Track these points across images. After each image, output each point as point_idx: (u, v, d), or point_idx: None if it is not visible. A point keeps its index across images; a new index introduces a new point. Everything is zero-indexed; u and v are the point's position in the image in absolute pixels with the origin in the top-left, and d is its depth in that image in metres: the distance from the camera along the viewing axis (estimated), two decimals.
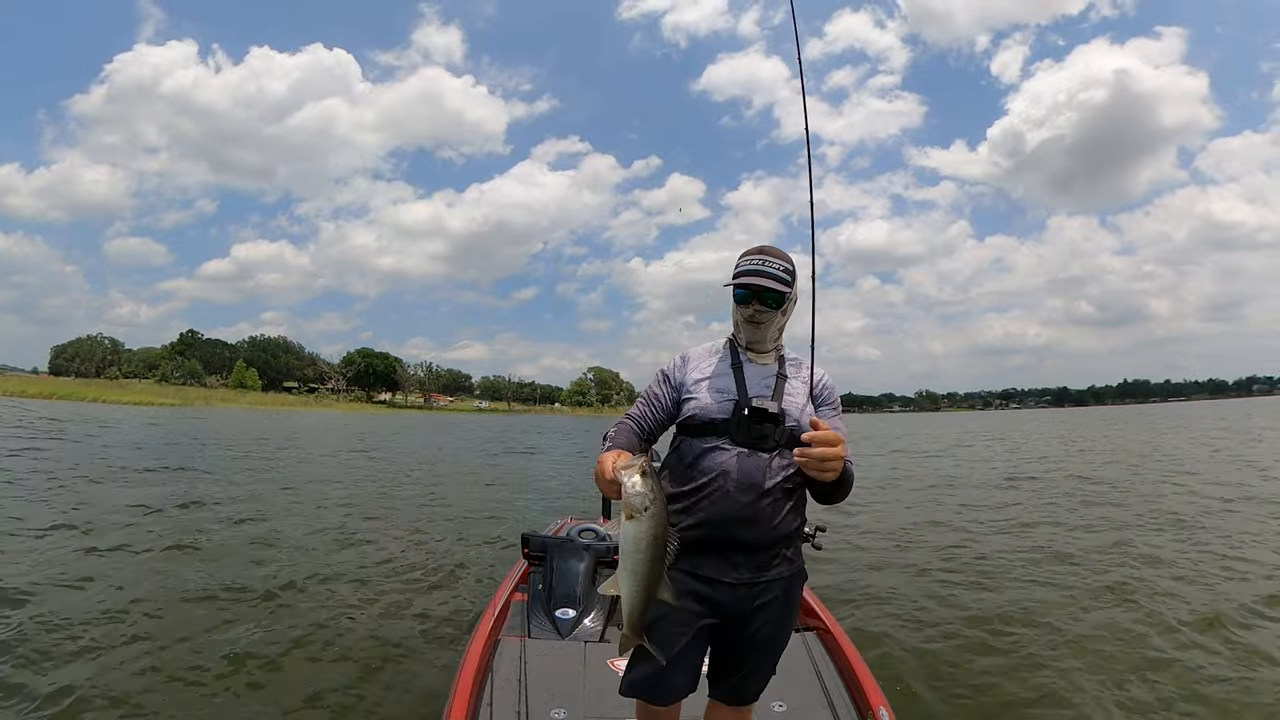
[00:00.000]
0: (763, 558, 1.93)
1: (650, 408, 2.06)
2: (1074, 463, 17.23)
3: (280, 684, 3.76)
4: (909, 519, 9.35)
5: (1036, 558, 6.82)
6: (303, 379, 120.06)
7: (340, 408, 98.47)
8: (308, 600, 5.15)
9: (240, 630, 4.47)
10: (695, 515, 1.89)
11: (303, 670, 3.95)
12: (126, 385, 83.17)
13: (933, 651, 4.40)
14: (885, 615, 5.11)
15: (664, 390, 2.07)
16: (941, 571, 6.40)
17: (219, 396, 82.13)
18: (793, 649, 3.10)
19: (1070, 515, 9.28)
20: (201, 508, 8.87)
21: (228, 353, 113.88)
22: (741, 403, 1.93)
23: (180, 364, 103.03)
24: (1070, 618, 4.97)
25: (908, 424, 63.01)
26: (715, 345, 2.12)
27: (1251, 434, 25.87)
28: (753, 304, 2.00)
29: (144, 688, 3.60)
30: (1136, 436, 27.64)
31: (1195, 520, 8.43)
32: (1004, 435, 33.85)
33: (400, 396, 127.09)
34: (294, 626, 4.57)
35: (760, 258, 1.99)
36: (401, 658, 4.20)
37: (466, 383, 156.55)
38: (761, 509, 1.88)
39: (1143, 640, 4.51)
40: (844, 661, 3.01)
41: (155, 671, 3.79)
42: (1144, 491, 11.20)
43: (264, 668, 3.93)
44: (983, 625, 4.85)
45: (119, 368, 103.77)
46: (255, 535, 7.34)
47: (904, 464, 18.44)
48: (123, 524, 7.52)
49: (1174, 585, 5.64)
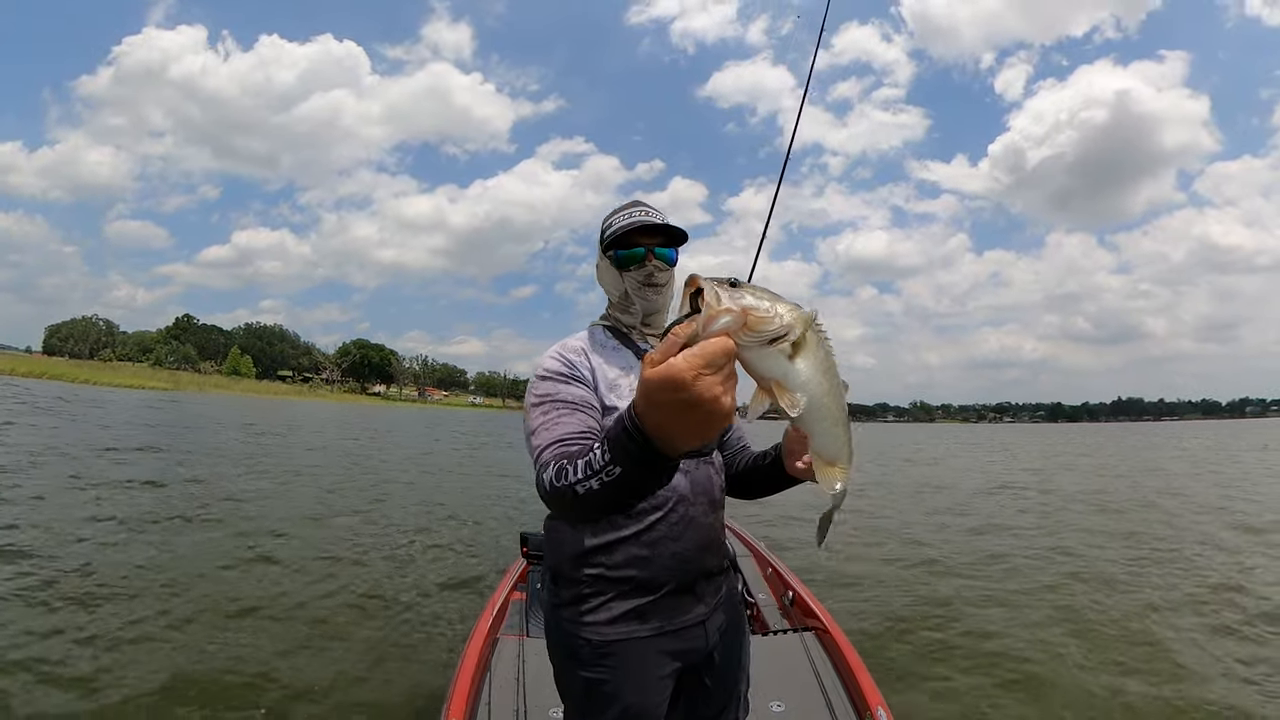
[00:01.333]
0: (720, 576, 1.63)
1: (585, 413, 1.42)
2: (1080, 480, 17.21)
3: (279, 683, 3.72)
4: (909, 521, 9.34)
5: (1036, 560, 6.81)
6: (297, 368, 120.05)
7: (333, 398, 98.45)
8: (305, 600, 5.08)
9: (239, 630, 4.42)
10: (661, 557, 1.48)
11: (301, 669, 3.91)
12: (118, 368, 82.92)
13: (932, 652, 4.39)
14: (885, 615, 5.09)
15: (582, 389, 1.47)
16: (942, 572, 6.39)
17: (212, 383, 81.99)
18: (791, 649, 3.07)
19: (1070, 527, 9.21)
20: (185, 500, 8.78)
21: (223, 339, 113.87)
22: None
23: (174, 348, 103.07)
24: (1071, 618, 4.98)
25: (908, 435, 62.95)
26: (594, 334, 1.63)
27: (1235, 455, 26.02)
28: (648, 261, 1.59)
29: (149, 687, 3.57)
30: (1141, 457, 27.64)
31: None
32: (1006, 447, 33.95)
33: (394, 389, 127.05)
34: (292, 626, 4.52)
35: (638, 208, 1.62)
36: (400, 656, 4.17)
37: (461, 378, 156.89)
38: (721, 524, 1.61)
39: (1143, 641, 4.51)
40: (842, 661, 2.95)
41: (155, 671, 3.75)
42: (1178, 527, 11.16)
43: (263, 667, 3.89)
44: (983, 625, 4.85)
45: (113, 350, 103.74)
46: (255, 534, 7.21)
47: (910, 471, 18.47)
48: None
49: (1185, 606, 5.59)
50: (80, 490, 8.46)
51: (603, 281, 1.69)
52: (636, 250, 1.59)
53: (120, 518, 7.09)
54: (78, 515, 7.02)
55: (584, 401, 1.44)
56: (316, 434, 23.88)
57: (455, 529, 8.14)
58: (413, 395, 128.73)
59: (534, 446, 1.35)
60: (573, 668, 1.49)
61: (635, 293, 1.61)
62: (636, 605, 1.47)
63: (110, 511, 7.35)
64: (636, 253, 1.59)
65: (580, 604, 1.48)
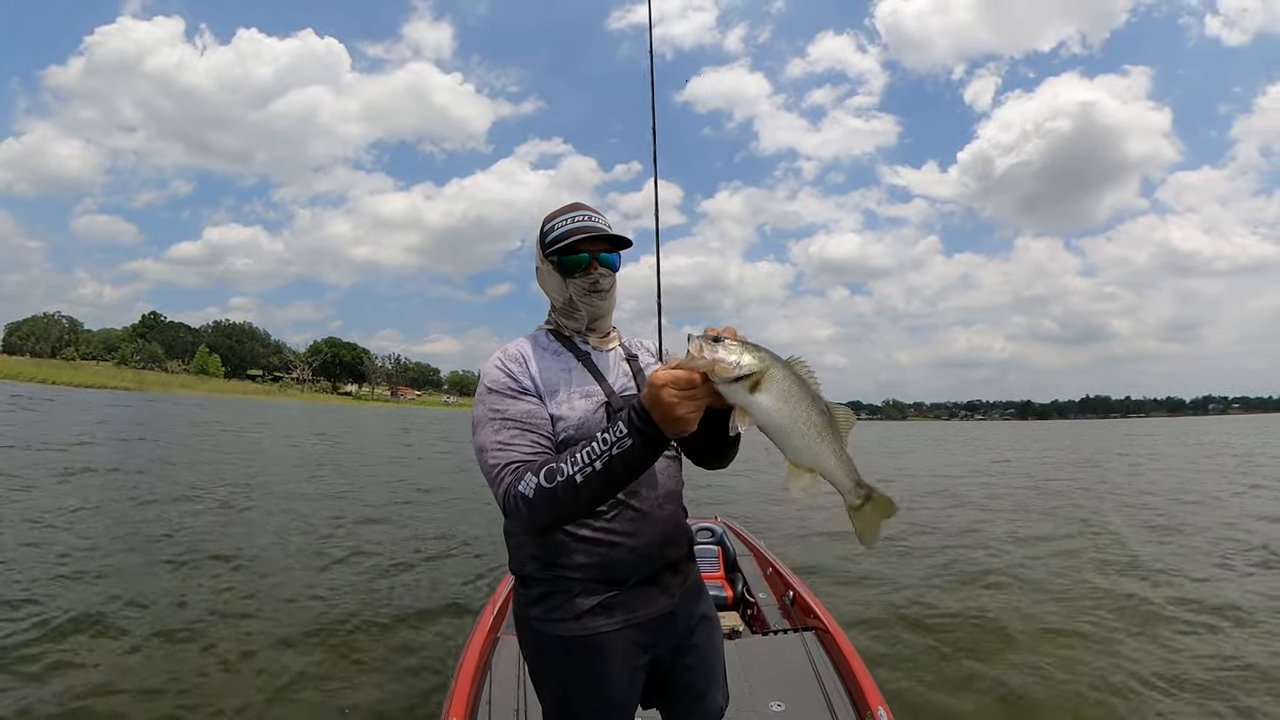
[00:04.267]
0: (684, 564, 1.63)
1: (535, 433, 1.44)
2: (1071, 474, 17.48)
3: (278, 683, 3.68)
4: (909, 521, 9.32)
5: (1034, 561, 6.85)
6: (268, 367, 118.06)
7: (303, 398, 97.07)
8: (304, 600, 5.02)
9: (237, 629, 4.37)
10: (621, 552, 1.49)
11: (300, 669, 3.87)
12: (81, 367, 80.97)
13: (932, 652, 4.37)
14: (884, 616, 5.07)
15: (530, 402, 1.48)
16: (942, 573, 6.38)
17: (178, 382, 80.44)
18: (791, 649, 3.02)
19: (1065, 524, 9.30)
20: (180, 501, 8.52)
21: (191, 337, 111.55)
22: (613, 403, 1.52)
23: (140, 347, 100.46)
24: (1069, 620, 4.98)
25: (883, 433, 63.73)
26: (536, 339, 1.62)
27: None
28: (593, 269, 1.56)
29: (155, 686, 3.56)
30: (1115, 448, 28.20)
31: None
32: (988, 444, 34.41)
33: (366, 389, 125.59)
34: (291, 627, 4.47)
35: (580, 213, 1.58)
36: (400, 655, 4.14)
37: (435, 377, 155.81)
38: (680, 515, 1.61)
39: (1143, 643, 4.50)
40: (843, 661, 2.92)
41: (156, 671, 3.74)
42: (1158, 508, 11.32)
43: (261, 667, 3.85)
44: (983, 627, 4.84)
45: (76, 348, 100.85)
46: (250, 535, 7.11)
47: (903, 470, 18.65)
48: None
49: (1178, 594, 5.64)
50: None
51: (544, 285, 1.65)
52: (581, 256, 1.57)
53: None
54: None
55: (531, 418, 1.46)
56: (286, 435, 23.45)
57: (457, 529, 8.00)
58: (385, 395, 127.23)
59: (489, 465, 1.41)
60: (545, 665, 1.54)
61: (580, 299, 1.59)
62: (602, 600, 1.48)
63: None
64: (581, 259, 1.57)
65: (546, 602, 1.50)
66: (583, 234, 1.55)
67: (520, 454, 1.39)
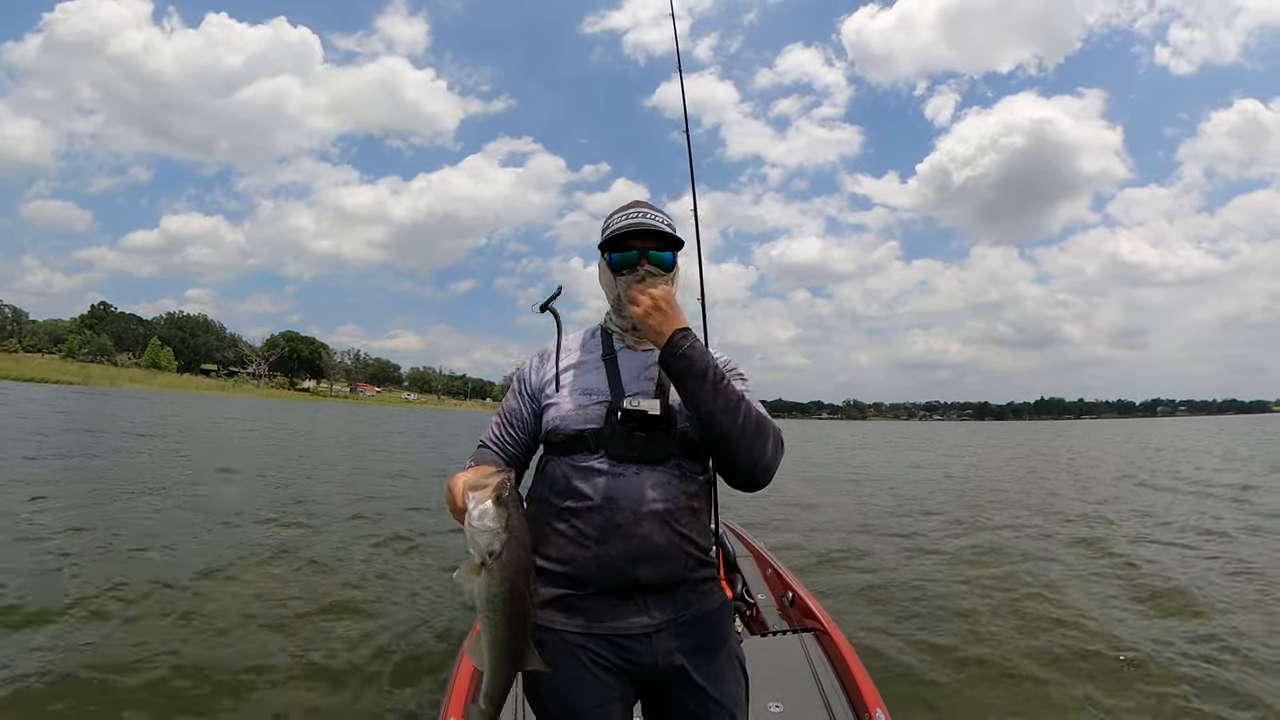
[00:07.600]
0: (680, 593, 1.51)
1: (509, 428, 1.61)
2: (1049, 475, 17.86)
3: (277, 684, 3.66)
4: (908, 521, 9.41)
5: (1032, 559, 6.93)
6: (223, 361, 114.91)
7: (258, 394, 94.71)
8: (303, 600, 4.98)
9: (236, 628, 4.35)
10: (584, 556, 1.46)
11: (300, 670, 3.83)
12: (23, 359, 77.91)
13: (930, 653, 4.38)
14: (884, 616, 5.09)
15: (521, 402, 1.61)
16: (942, 573, 6.41)
17: (127, 376, 77.86)
18: (790, 649, 3.03)
19: (1059, 524, 9.38)
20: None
21: (143, 329, 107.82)
22: (615, 405, 1.50)
23: (88, 339, 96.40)
24: (1068, 619, 5.01)
25: (847, 432, 64.61)
26: (587, 332, 1.68)
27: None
28: (641, 265, 1.56)
29: (149, 681, 3.55)
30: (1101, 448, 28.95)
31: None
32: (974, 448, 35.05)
33: (324, 385, 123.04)
34: (292, 627, 4.44)
35: (638, 209, 1.59)
36: (399, 657, 4.10)
37: (395, 373, 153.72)
38: (669, 540, 1.47)
39: (1145, 643, 4.52)
40: (841, 662, 2.92)
41: (156, 669, 3.70)
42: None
43: (261, 667, 3.82)
44: (982, 627, 4.87)
45: (19, 340, 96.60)
46: (249, 533, 6.98)
47: (890, 468, 18.93)
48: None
49: (1181, 605, 5.56)
50: None
51: (601, 283, 1.66)
52: (630, 253, 1.58)
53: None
54: None
55: (515, 414, 1.62)
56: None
57: (454, 527, 7.81)
58: (344, 391, 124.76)
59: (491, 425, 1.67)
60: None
61: (625, 300, 1.57)
62: (562, 596, 1.48)
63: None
64: (630, 256, 1.58)
65: None
66: (632, 229, 1.56)
67: (491, 437, 1.63)
